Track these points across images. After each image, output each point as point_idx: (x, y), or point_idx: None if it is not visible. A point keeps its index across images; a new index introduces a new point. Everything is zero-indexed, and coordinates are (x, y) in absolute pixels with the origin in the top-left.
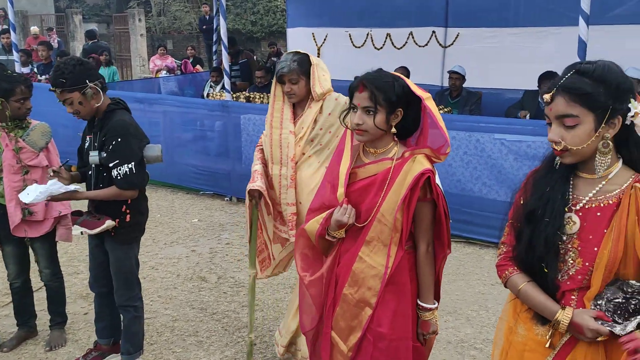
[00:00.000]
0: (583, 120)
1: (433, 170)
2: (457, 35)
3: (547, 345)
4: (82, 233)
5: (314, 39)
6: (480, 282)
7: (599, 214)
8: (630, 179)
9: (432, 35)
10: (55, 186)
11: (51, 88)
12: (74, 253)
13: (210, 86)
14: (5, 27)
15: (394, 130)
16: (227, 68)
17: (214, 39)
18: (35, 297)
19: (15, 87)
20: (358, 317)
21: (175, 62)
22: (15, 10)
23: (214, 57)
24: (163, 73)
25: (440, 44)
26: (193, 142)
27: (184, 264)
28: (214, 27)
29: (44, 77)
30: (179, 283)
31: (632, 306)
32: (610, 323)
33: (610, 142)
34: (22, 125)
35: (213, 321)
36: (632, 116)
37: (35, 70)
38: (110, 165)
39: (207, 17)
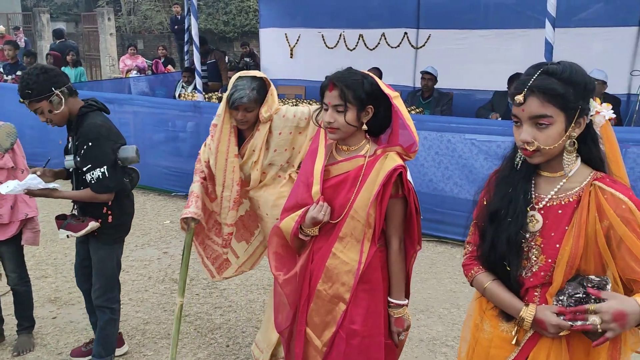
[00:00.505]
0: (556, 121)
1: (405, 166)
2: (429, 36)
3: (513, 342)
4: (68, 236)
5: (287, 40)
6: (451, 281)
7: (560, 211)
8: (589, 177)
9: (404, 36)
10: (34, 181)
11: (20, 100)
12: (42, 257)
13: (182, 87)
14: None
15: (365, 127)
16: (199, 68)
17: (186, 39)
18: (3, 302)
19: None
20: (332, 313)
21: (146, 62)
22: None
23: (186, 57)
24: (133, 73)
25: (412, 45)
26: (164, 143)
27: (156, 266)
28: (186, 27)
29: (10, 77)
30: (150, 285)
31: (592, 301)
32: (571, 318)
33: (575, 140)
34: None
35: (185, 323)
36: (592, 115)
37: (2, 70)
38: (84, 169)
39: (179, 17)
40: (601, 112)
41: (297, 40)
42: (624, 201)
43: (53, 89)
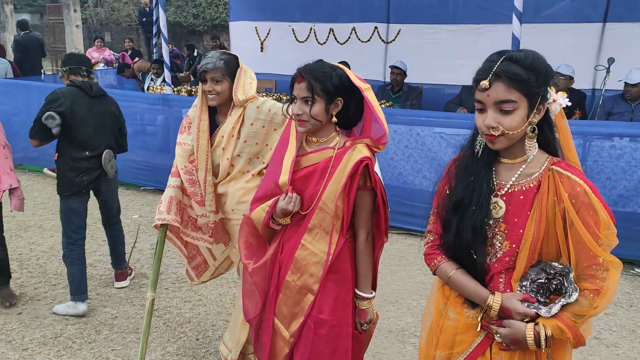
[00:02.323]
0: (520, 106)
1: (372, 158)
2: (399, 31)
3: (478, 329)
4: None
5: (257, 33)
6: (421, 272)
7: (522, 197)
8: (547, 162)
9: (374, 30)
10: None
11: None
12: None
13: (151, 79)
14: None
15: (334, 119)
16: (168, 61)
17: (154, 32)
18: None
19: None
20: (300, 304)
21: (113, 54)
22: None
23: (154, 50)
24: (100, 66)
25: (382, 40)
26: (133, 136)
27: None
28: (154, 19)
29: None
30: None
31: (553, 286)
32: (535, 305)
33: (535, 127)
34: None
35: (154, 317)
36: (549, 103)
37: None
38: None
39: (147, 9)
40: (557, 100)
41: (268, 33)
42: (579, 183)
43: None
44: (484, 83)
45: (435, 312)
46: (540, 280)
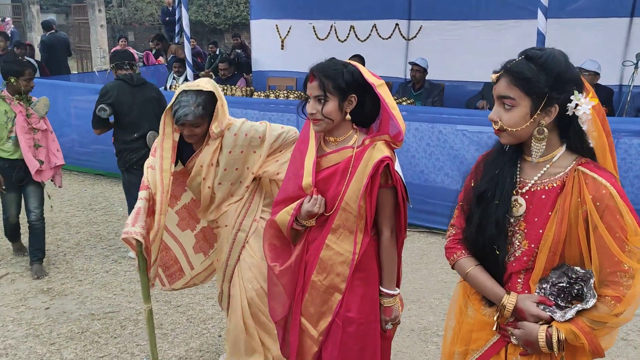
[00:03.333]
0: (519, 104)
1: (392, 156)
2: (420, 27)
3: (494, 328)
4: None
5: (278, 31)
6: (443, 271)
7: (543, 196)
8: (573, 162)
9: (395, 27)
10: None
11: None
12: None
13: (173, 78)
14: None
15: (348, 117)
16: (190, 59)
17: (177, 31)
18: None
19: (25, 69)
20: (328, 303)
21: (137, 53)
22: None
23: None
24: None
25: (403, 37)
26: None
27: None
28: (177, 18)
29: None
30: None
31: (575, 291)
32: (551, 308)
33: (545, 129)
34: (28, 98)
35: (177, 313)
36: (575, 108)
37: None
38: None
39: (170, 8)
40: (580, 105)
41: (288, 31)
42: (605, 186)
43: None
44: (493, 77)
45: (456, 308)
46: (561, 284)
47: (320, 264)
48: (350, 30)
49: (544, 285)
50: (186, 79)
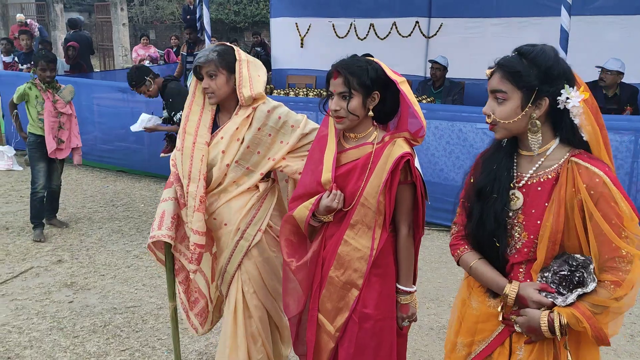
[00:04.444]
0: (510, 97)
1: (412, 153)
2: (441, 25)
3: (500, 318)
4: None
5: (298, 29)
6: (462, 270)
7: (539, 188)
8: (567, 154)
9: (415, 25)
10: (150, 122)
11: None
12: (58, 242)
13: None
14: None
15: (371, 113)
16: None
17: (198, 29)
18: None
19: (38, 60)
20: (345, 299)
21: (158, 51)
22: None
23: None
24: (146, 63)
25: (423, 35)
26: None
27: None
28: (197, 17)
29: (25, 65)
30: (163, 272)
31: (577, 278)
32: (553, 294)
33: (537, 122)
34: (55, 86)
35: None
36: (566, 102)
37: (17, 59)
38: (172, 115)
39: (191, 6)
40: (570, 98)
41: (308, 29)
42: (598, 174)
43: (146, 77)
44: (487, 72)
45: (459, 301)
46: (562, 272)
47: (337, 259)
48: (370, 28)
49: (545, 274)
50: None
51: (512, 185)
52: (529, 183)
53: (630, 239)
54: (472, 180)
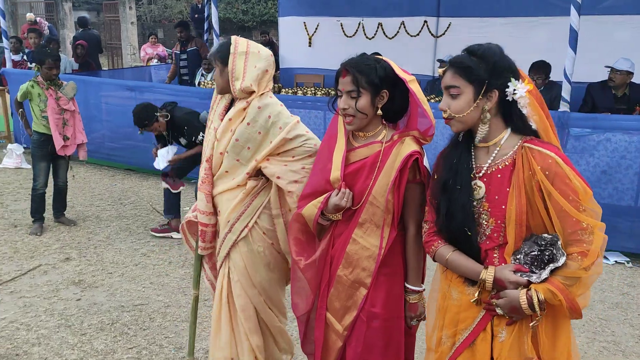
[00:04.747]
0: (463, 91)
1: (421, 151)
2: (449, 25)
3: (474, 301)
4: (166, 189)
5: (306, 28)
6: None
7: (499, 175)
8: (519, 141)
9: (423, 24)
10: (169, 154)
11: (140, 131)
12: (66, 240)
13: (202, 75)
14: None
15: (380, 112)
16: None
17: (205, 28)
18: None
19: (45, 59)
20: (353, 297)
21: (166, 50)
22: None
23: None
24: (154, 61)
25: (432, 34)
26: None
27: (176, 251)
28: (205, 15)
29: (34, 64)
30: (170, 270)
31: (546, 257)
32: (527, 273)
33: (487, 114)
34: (58, 83)
35: (205, 307)
36: (513, 93)
37: (26, 57)
38: (193, 139)
39: (199, 5)
40: (517, 90)
41: (316, 28)
42: (550, 155)
43: (156, 114)
44: (439, 71)
45: (439, 295)
46: (533, 253)
47: (346, 258)
48: (378, 28)
49: (518, 257)
50: None
51: (472, 175)
52: (489, 172)
53: (587, 212)
54: (435, 177)
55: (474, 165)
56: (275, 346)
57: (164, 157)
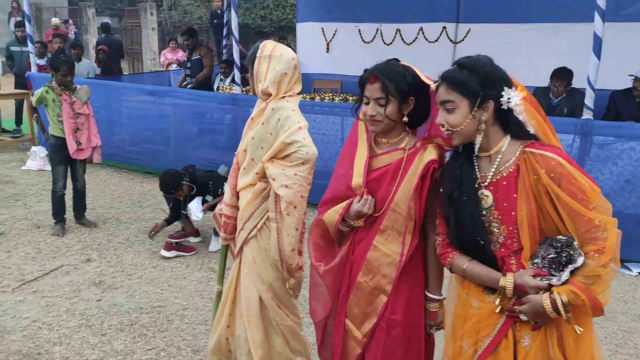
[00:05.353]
0: (459, 105)
1: (442, 160)
2: (468, 31)
3: (498, 310)
4: (176, 256)
5: (324, 34)
6: None
7: (505, 182)
8: (520, 147)
9: (442, 30)
10: (199, 205)
11: (166, 195)
12: (87, 242)
13: (220, 79)
14: (19, 19)
15: (405, 119)
16: (238, 61)
17: (224, 33)
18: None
19: (60, 66)
20: (373, 304)
21: (185, 55)
22: (29, 2)
23: (224, 51)
24: (174, 66)
25: (450, 40)
26: (202, 134)
27: (194, 255)
28: (224, 21)
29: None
30: (188, 273)
31: (564, 258)
32: (547, 277)
33: (483, 125)
34: (72, 87)
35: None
36: (508, 102)
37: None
38: (219, 192)
39: (218, 11)
40: (512, 98)
41: (334, 34)
42: (553, 157)
43: (182, 182)
44: (432, 87)
45: (458, 304)
46: (550, 256)
47: (366, 264)
48: (396, 34)
49: (535, 261)
50: (233, 80)
51: (478, 185)
52: (494, 180)
53: (597, 209)
54: (440, 190)
55: (478, 175)
56: (287, 346)
57: (197, 208)
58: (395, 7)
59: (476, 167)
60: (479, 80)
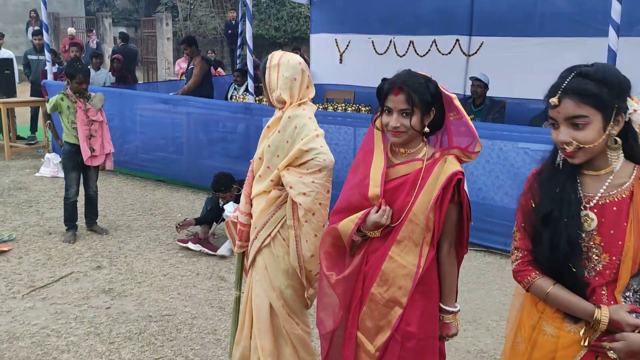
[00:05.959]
0: (592, 120)
1: (463, 172)
2: (482, 44)
3: (585, 343)
4: (200, 250)
5: (337, 45)
6: (501, 292)
7: (615, 208)
8: (635, 171)
9: (455, 43)
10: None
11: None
12: (97, 249)
13: (234, 88)
14: (37, 28)
15: (427, 129)
16: (252, 71)
17: (238, 44)
18: None
19: (76, 74)
20: (387, 317)
21: None
22: (47, 12)
23: (238, 61)
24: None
25: (463, 53)
26: (215, 143)
27: (204, 263)
28: (239, 32)
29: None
30: (198, 281)
31: None
32: None
33: (617, 138)
34: (86, 95)
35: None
36: (630, 113)
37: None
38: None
39: (233, 22)
40: (638, 110)
41: (347, 46)
42: None
43: (234, 185)
44: (553, 100)
45: (527, 327)
46: None
47: (381, 276)
48: (409, 45)
49: (626, 294)
50: (247, 90)
51: (582, 207)
52: (601, 203)
53: None
54: (533, 205)
55: (582, 195)
56: (296, 356)
57: (230, 210)
58: (408, 20)
59: (579, 185)
60: (612, 91)
